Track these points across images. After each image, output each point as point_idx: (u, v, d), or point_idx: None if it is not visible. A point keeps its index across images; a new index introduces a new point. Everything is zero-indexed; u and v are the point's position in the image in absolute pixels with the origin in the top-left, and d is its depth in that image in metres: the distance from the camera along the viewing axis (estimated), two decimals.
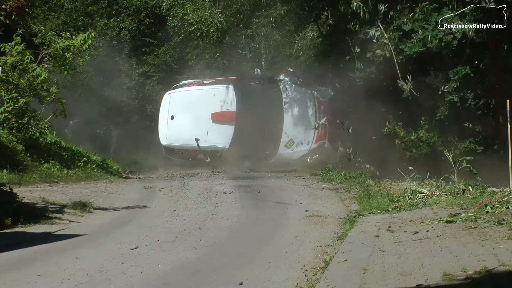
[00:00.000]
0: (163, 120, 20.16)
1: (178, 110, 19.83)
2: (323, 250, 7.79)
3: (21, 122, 15.60)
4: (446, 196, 10.39)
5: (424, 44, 17.13)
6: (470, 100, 17.65)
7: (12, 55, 15.58)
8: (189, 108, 19.61)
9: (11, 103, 15.43)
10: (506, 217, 7.78)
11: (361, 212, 10.42)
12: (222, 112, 19.47)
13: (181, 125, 19.61)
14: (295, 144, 19.36)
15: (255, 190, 13.57)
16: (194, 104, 19.61)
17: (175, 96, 20.18)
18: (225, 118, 19.42)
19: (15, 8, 14.02)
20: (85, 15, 27.96)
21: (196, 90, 20.09)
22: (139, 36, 27.76)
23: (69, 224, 9.90)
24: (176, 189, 13.88)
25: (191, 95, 19.98)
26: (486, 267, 5.62)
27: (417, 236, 7.52)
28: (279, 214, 10.75)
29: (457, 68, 17.41)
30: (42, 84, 15.93)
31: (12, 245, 8.29)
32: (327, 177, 16.08)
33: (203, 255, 7.68)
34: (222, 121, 19.43)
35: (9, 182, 11.96)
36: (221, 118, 19.44)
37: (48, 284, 6.40)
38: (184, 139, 19.60)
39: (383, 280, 5.73)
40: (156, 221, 10.16)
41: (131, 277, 6.60)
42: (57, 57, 16.22)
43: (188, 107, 19.65)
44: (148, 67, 27.23)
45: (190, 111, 19.55)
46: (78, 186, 13.96)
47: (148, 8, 28.08)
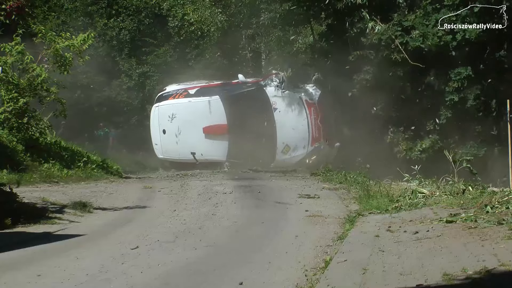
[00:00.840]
0: (155, 134, 20.01)
1: (168, 124, 19.65)
2: (323, 250, 7.79)
3: (21, 122, 15.60)
4: (446, 196, 10.38)
5: (424, 40, 17.14)
6: (470, 100, 17.65)
7: (12, 55, 15.58)
8: (179, 123, 19.49)
9: (11, 103, 15.44)
10: (506, 217, 7.78)
11: (361, 212, 10.42)
12: (213, 126, 19.36)
13: (174, 140, 19.53)
14: (291, 149, 19.31)
15: (255, 190, 13.56)
16: (183, 119, 19.46)
17: (162, 110, 19.90)
18: (218, 132, 19.36)
19: (15, 8, 14.03)
20: (85, 15, 27.96)
21: (183, 104, 19.69)
22: (139, 36, 27.76)
23: (69, 224, 9.89)
24: (176, 189, 13.88)
25: (178, 108, 19.67)
26: (486, 267, 5.62)
27: (417, 236, 7.51)
28: (279, 214, 10.74)
29: (458, 69, 17.42)
30: (42, 84, 15.94)
31: (12, 245, 8.28)
32: (327, 177, 16.07)
33: (203, 255, 7.67)
34: (215, 134, 19.36)
35: (9, 182, 11.95)
36: (213, 131, 19.36)
37: (48, 284, 6.40)
38: (179, 153, 19.57)
39: (383, 280, 5.73)
40: (156, 221, 10.15)
41: (131, 277, 6.59)
42: (57, 57, 16.22)
43: (177, 121, 19.52)
44: (148, 67, 27.23)
45: (180, 125, 19.44)
46: (78, 186, 13.96)
47: (148, 8, 28.08)
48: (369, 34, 18.18)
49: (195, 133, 19.34)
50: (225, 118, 19.41)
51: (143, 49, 27.55)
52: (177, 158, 19.81)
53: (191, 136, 19.32)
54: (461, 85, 17.41)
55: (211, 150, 19.32)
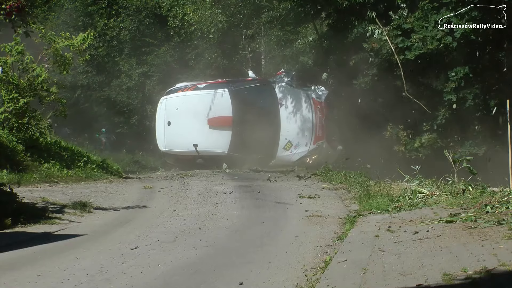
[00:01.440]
0: (160, 126, 20.13)
1: (174, 116, 19.79)
2: (323, 250, 7.79)
3: (21, 122, 15.60)
4: (446, 196, 10.38)
5: (424, 44, 17.14)
6: (469, 100, 17.65)
7: (12, 55, 15.59)
8: (185, 114, 19.61)
9: (11, 103, 15.44)
10: (506, 217, 7.78)
11: (361, 212, 10.42)
12: (218, 118, 19.46)
13: (179, 131, 19.60)
14: (293, 146, 19.36)
15: (255, 190, 13.57)
16: (190, 110, 19.59)
17: (170, 102, 20.09)
18: (222, 124, 19.42)
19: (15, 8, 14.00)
20: (85, 15, 27.99)
21: (191, 96, 19.96)
22: (139, 36, 27.77)
23: (69, 224, 9.90)
24: (176, 189, 13.88)
25: (186, 100, 19.88)
26: (486, 267, 5.62)
27: (417, 236, 7.51)
28: (279, 214, 10.74)
29: (456, 68, 17.41)
30: (42, 84, 15.94)
31: (12, 245, 8.28)
32: (327, 177, 16.07)
33: (203, 255, 7.67)
34: (219, 126, 19.42)
35: (9, 182, 11.97)
36: (217, 123, 19.44)
37: (48, 284, 6.40)
38: (182, 145, 19.60)
39: (383, 280, 5.73)
40: (156, 221, 10.16)
41: (131, 277, 6.59)
42: (57, 57, 16.23)
43: (184, 113, 19.64)
44: (148, 67, 27.24)
45: (186, 117, 19.55)
46: (78, 186, 13.96)
47: (148, 8, 28.09)
48: (369, 39, 18.20)
49: (199, 124, 19.43)
50: (231, 110, 19.46)
51: (143, 49, 27.56)
52: (179, 150, 19.83)
53: (196, 127, 19.39)
54: (459, 85, 17.40)
55: (213, 142, 19.35)
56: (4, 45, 15.57)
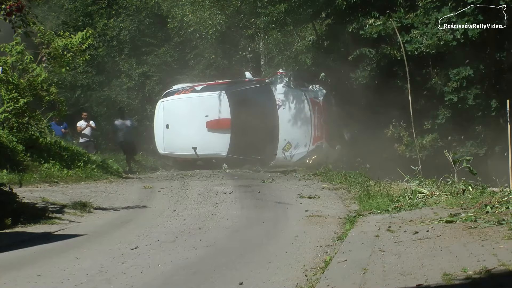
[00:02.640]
0: (158, 129, 20.09)
1: (172, 119, 19.75)
2: (323, 250, 7.79)
3: (21, 122, 15.60)
4: (446, 196, 10.38)
5: (424, 40, 17.13)
6: (470, 100, 17.65)
7: (12, 55, 15.58)
8: (183, 117, 19.58)
9: (11, 103, 15.43)
10: (506, 217, 7.78)
11: (361, 212, 10.42)
12: (217, 120, 19.42)
13: (177, 134, 19.56)
14: (293, 147, 19.32)
15: (255, 190, 13.56)
16: (188, 113, 19.54)
17: (167, 105, 20.04)
18: (221, 126, 19.39)
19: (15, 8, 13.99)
20: (85, 15, 27.96)
21: (189, 98, 19.90)
22: (139, 36, 27.74)
23: (69, 224, 9.90)
24: (176, 189, 13.88)
25: (184, 103, 19.83)
26: (486, 267, 5.62)
27: (417, 236, 7.51)
28: (279, 214, 10.74)
29: (457, 69, 17.42)
30: (42, 84, 15.93)
31: (12, 245, 8.28)
32: (327, 177, 16.07)
33: (203, 255, 7.67)
34: (218, 129, 19.39)
35: (9, 182, 11.97)
36: (216, 126, 19.41)
37: (48, 284, 6.40)
38: (181, 148, 19.59)
39: (383, 280, 5.73)
40: (156, 221, 10.16)
41: (131, 277, 6.59)
42: (57, 56, 16.22)
43: (182, 115, 19.62)
44: (148, 67, 27.22)
45: (184, 119, 19.53)
46: (78, 186, 13.96)
47: (148, 8, 28.06)
48: (368, 28, 18.14)
49: (198, 127, 19.38)
50: (229, 112, 19.45)
51: (143, 49, 27.54)
52: (179, 153, 19.84)
53: (194, 130, 19.37)
54: (460, 85, 17.41)
55: (212, 145, 19.34)
56: (4, 45, 15.56)
